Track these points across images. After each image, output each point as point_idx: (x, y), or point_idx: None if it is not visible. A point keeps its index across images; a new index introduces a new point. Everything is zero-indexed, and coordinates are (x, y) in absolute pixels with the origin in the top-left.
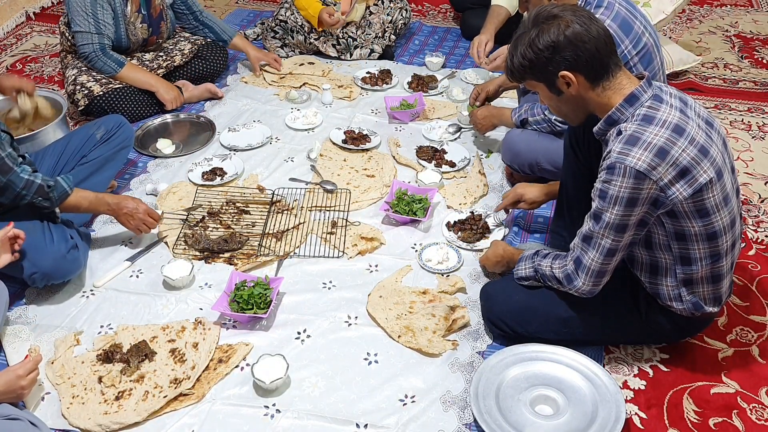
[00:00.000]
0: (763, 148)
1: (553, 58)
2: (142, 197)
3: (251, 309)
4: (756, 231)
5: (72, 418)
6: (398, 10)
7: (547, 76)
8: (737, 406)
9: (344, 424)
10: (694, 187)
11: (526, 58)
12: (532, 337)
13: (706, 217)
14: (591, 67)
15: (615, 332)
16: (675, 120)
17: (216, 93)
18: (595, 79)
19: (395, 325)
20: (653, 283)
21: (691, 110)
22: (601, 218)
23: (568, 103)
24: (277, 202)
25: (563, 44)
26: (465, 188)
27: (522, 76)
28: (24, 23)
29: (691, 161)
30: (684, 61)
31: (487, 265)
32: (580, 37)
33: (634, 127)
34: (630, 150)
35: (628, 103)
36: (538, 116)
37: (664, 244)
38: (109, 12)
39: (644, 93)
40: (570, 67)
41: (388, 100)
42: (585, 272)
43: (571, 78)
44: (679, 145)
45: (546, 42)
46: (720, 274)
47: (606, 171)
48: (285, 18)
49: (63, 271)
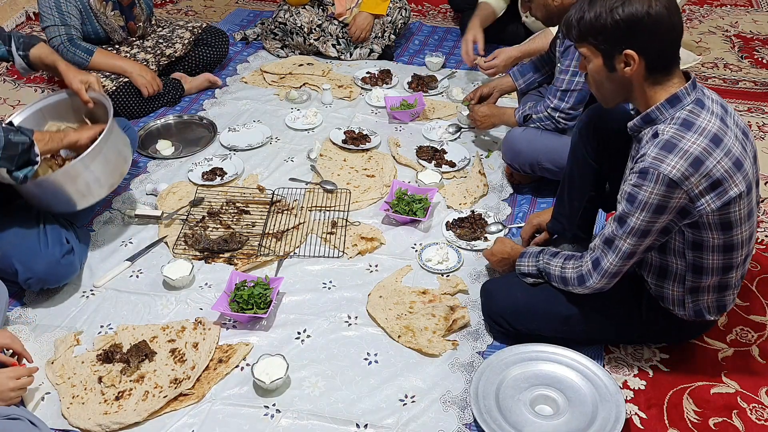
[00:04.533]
0: (763, 148)
1: (628, 32)
2: (142, 197)
3: (251, 309)
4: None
5: (72, 418)
6: (398, 9)
7: (611, 47)
8: (737, 406)
9: (344, 424)
10: (723, 200)
11: (599, 21)
12: (532, 335)
13: (728, 230)
14: (657, 57)
15: (615, 331)
16: (714, 129)
17: (215, 82)
18: (654, 69)
19: (395, 325)
20: (659, 286)
21: (731, 119)
22: (627, 222)
23: (614, 82)
24: (277, 202)
25: (645, 23)
26: (465, 188)
27: (582, 38)
28: (24, 23)
29: (724, 173)
30: (684, 61)
31: (492, 261)
32: (662, 23)
33: (672, 132)
34: (666, 156)
35: (669, 103)
36: (542, 113)
37: (679, 250)
38: (73, 4)
39: (687, 96)
40: (639, 49)
41: (388, 100)
42: (601, 274)
43: (635, 59)
44: (714, 156)
45: (630, 13)
46: (727, 285)
47: (638, 175)
48: (284, 20)
49: (57, 276)
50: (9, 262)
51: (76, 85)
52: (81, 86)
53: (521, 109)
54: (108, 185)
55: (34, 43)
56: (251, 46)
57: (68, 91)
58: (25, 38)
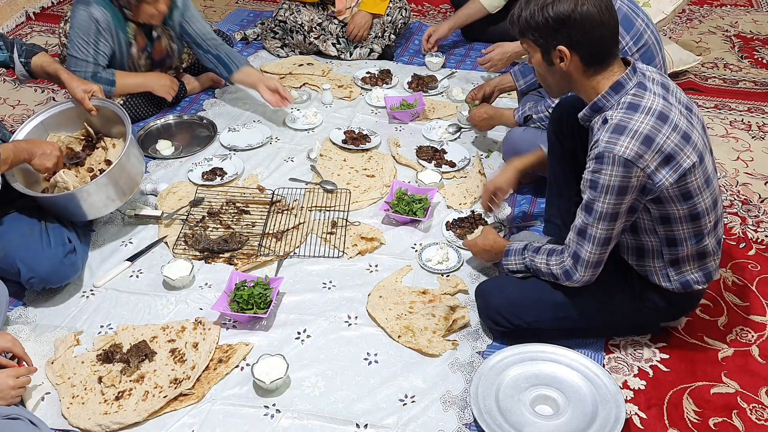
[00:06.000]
0: (763, 148)
1: (558, 30)
2: (141, 197)
3: (251, 309)
4: (756, 231)
5: (72, 418)
6: (398, 9)
7: (546, 43)
8: (737, 406)
9: (344, 424)
10: (678, 172)
11: (533, 18)
12: (531, 329)
13: (689, 200)
14: (590, 53)
15: (612, 313)
16: (659, 107)
17: (218, 82)
18: (590, 64)
19: (395, 325)
20: (640, 265)
21: (673, 96)
22: (594, 208)
23: (555, 75)
24: (277, 202)
25: (573, 21)
26: (465, 188)
27: (521, 33)
28: (24, 23)
29: (674, 147)
30: (684, 61)
31: (474, 252)
32: (591, 21)
33: (620, 116)
34: (618, 139)
35: (613, 90)
36: (542, 113)
37: (649, 228)
38: (110, 47)
39: (629, 81)
40: (570, 45)
41: (388, 100)
42: (584, 265)
43: (567, 55)
44: (663, 132)
45: (558, 12)
46: (705, 252)
47: (595, 161)
48: (284, 18)
49: (60, 276)
50: (12, 261)
51: (79, 94)
52: (84, 95)
53: (521, 110)
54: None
55: (36, 51)
56: (251, 46)
57: (73, 100)
58: (28, 46)
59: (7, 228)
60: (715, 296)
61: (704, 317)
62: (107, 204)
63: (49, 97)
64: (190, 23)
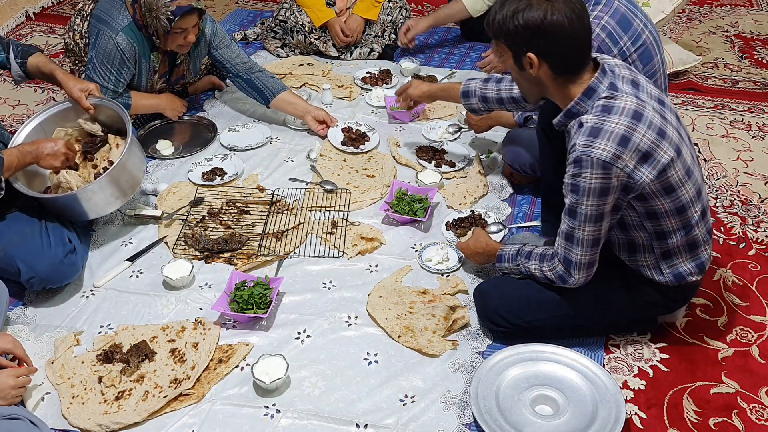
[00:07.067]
0: (763, 148)
1: (528, 38)
2: (141, 197)
3: (251, 309)
4: (756, 231)
5: (72, 418)
6: (398, 9)
7: (517, 48)
8: (737, 406)
9: (344, 424)
10: (657, 168)
11: (505, 23)
12: (530, 328)
13: (672, 193)
14: (559, 61)
15: (610, 309)
16: (633, 106)
17: (220, 85)
18: (560, 72)
19: (395, 325)
20: (633, 261)
21: (644, 93)
22: (577, 212)
23: (528, 80)
24: (277, 202)
25: (541, 30)
26: (465, 188)
27: (495, 36)
28: (24, 23)
29: (651, 145)
30: (684, 61)
31: (466, 254)
32: (560, 30)
33: (595, 119)
34: (594, 141)
35: (586, 96)
36: None
37: (637, 224)
38: (131, 74)
39: (601, 84)
40: (539, 54)
41: (388, 100)
42: (576, 269)
43: (536, 63)
44: (639, 130)
45: (528, 20)
46: (695, 243)
47: (573, 165)
48: (285, 18)
49: (60, 276)
50: (12, 261)
51: (76, 93)
52: (81, 94)
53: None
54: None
55: (32, 52)
56: (251, 46)
57: (70, 99)
58: (24, 47)
59: (8, 227)
60: (715, 296)
61: (704, 317)
62: (109, 203)
63: (49, 97)
64: (218, 50)
